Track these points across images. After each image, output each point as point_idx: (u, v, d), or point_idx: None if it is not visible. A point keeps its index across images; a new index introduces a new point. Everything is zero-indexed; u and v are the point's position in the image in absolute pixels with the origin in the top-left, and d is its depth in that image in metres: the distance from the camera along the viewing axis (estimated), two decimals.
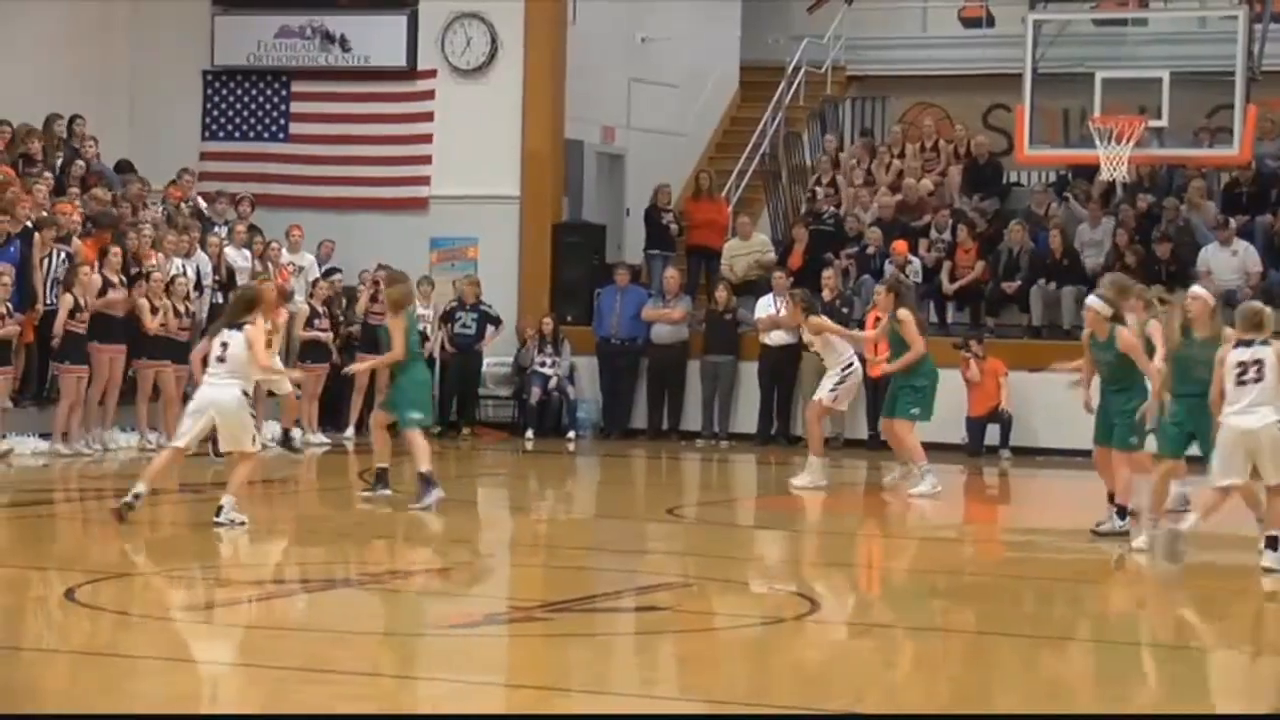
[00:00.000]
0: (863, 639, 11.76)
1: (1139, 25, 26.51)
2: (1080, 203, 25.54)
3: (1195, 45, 23.97)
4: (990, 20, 29.06)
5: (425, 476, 16.34)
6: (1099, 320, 15.31)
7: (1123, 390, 15.35)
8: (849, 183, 27.02)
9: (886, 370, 18.96)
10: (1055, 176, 26.81)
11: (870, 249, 25.15)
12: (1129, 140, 22.45)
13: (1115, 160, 22.58)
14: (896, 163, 27.20)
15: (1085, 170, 25.09)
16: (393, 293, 17.00)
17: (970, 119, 28.32)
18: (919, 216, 25.83)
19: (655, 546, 15.90)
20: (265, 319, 15.46)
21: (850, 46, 29.38)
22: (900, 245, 24.70)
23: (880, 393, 22.79)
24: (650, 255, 26.56)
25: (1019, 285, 24.56)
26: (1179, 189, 25.40)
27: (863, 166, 27.34)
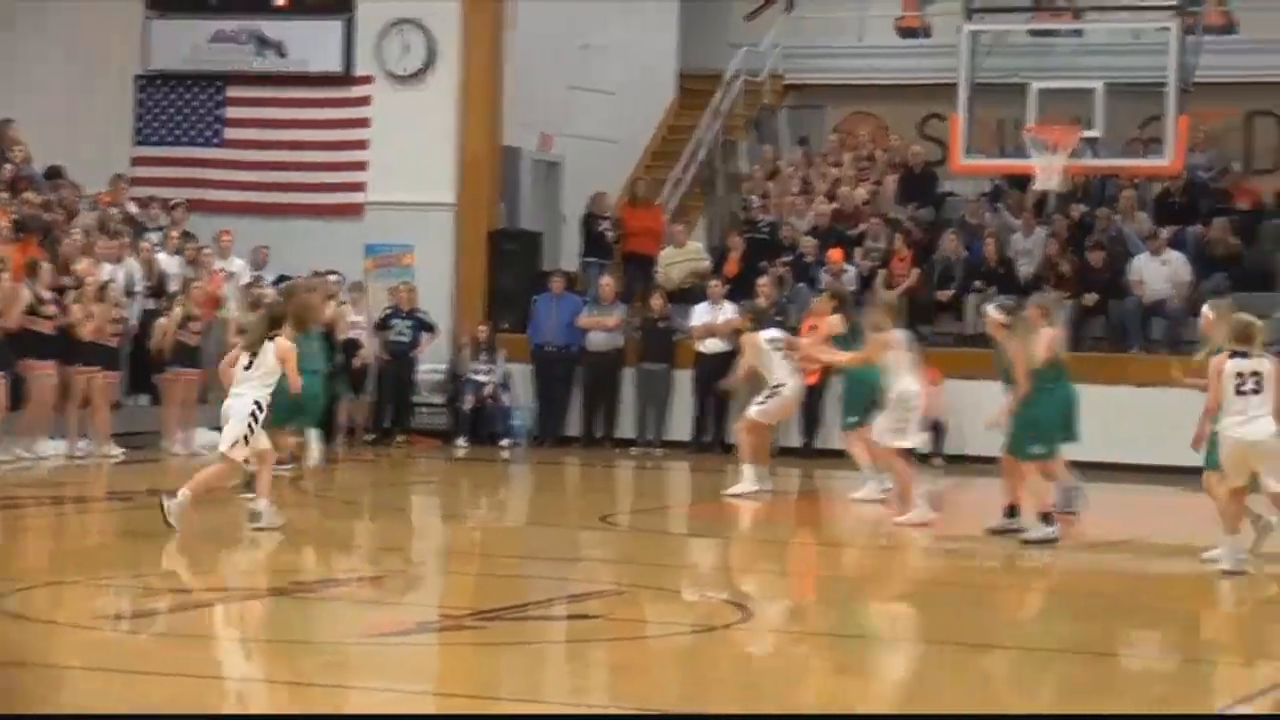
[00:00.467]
0: (794, 646, 11.77)
1: (1074, 37, 26.67)
2: (1014, 212, 25.65)
3: (1129, 56, 24.08)
4: (927, 31, 29.06)
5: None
6: (996, 327, 15.97)
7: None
8: (785, 191, 27.07)
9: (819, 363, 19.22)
10: (990, 186, 26.93)
11: (806, 257, 25.20)
12: (1063, 150, 22.54)
13: (1049, 170, 22.66)
14: (832, 171, 27.27)
15: (1019, 180, 25.19)
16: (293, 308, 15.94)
17: (906, 128, 28.43)
18: (854, 225, 25.90)
19: (588, 554, 15.88)
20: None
21: (787, 55, 29.43)
22: (836, 253, 24.77)
23: (817, 399, 22.91)
24: (586, 263, 26.55)
25: (953, 294, 24.66)
26: (1111, 199, 25.57)
27: (799, 175, 27.39)
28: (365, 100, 26.28)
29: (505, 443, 24.81)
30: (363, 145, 26.25)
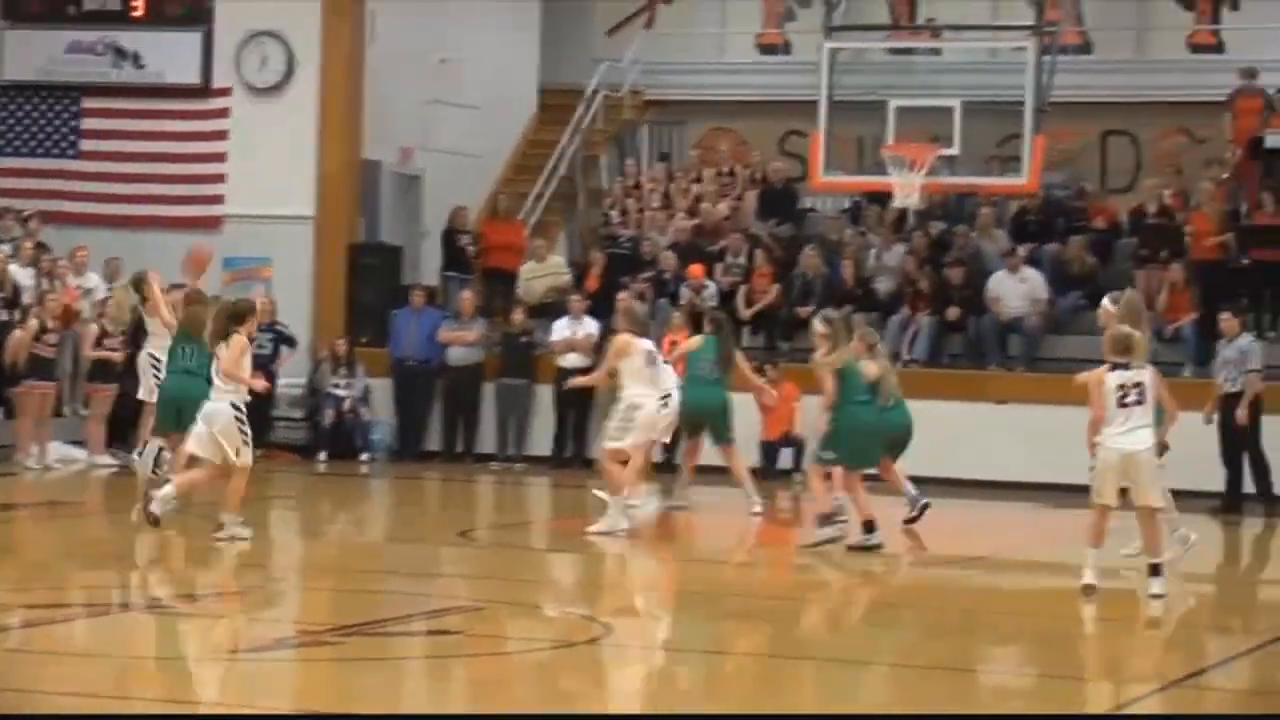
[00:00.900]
0: (653, 661, 11.78)
1: (932, 55, 26.95)
2: (872, 229, 25.84)
3: (987, 75, 24.35)
4: (787, 48, 29.31)
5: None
6: (820, 339, 16.43)
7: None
8: (646, 206, 27.13)
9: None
10: (849, 203, 27.12)
11: (666, 273, 25.27)
12: (921, 168, 22.76)
13: (907, 187, 22.88)
14: (693, 187, 27.35)
15: (878, 197, 25.38)
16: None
17: (766, 145, 28.56)
18: (715, 241, 25.99)
19: (447, 570, 15.84)
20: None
21: (648, 70, 29.49)
22: (696, 269, 24.85)
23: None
24: (447, 277, 26.47)
25: (813, 310, 24.75)
26: (969, 216, 25.81)
27: (660, 190, 27.46)
28: (224, 112, 26.07)
29: (365, 457, 24.68)
30: (221, 158, 26.04)
